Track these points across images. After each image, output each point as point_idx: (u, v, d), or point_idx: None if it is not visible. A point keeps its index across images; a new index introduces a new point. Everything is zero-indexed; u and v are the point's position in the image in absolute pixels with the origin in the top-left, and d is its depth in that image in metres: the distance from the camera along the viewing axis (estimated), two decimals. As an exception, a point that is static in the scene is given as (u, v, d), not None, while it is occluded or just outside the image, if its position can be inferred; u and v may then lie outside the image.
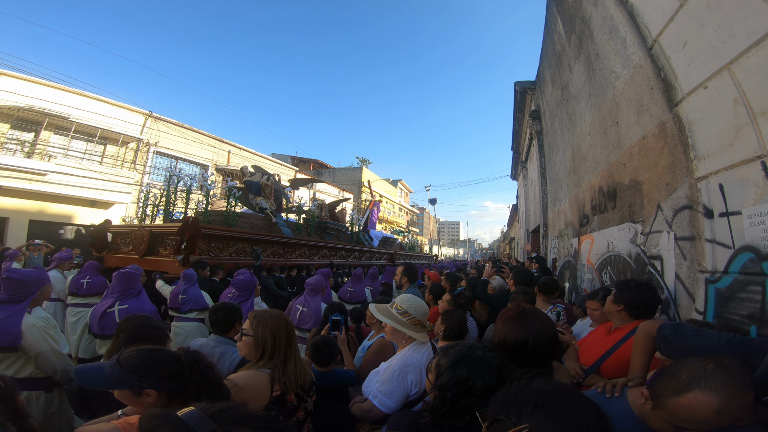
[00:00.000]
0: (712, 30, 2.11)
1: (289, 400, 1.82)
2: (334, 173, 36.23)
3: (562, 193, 7.36)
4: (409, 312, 2.24)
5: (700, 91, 2.27)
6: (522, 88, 11.05)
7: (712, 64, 2.11)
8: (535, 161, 10.88)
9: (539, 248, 10.46)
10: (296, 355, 1.93)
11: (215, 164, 19.36)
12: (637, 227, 3.44)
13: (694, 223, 2.42)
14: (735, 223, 1.97)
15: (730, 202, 2.02)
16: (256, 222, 8.18)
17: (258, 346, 1.87)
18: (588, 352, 2.46)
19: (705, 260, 2.28)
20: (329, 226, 10.90)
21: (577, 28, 5.16)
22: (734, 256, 1.98)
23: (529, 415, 0.92)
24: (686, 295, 2.52)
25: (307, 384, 1.95)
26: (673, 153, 2.68)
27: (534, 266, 7.75)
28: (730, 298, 2.02)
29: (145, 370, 1.37)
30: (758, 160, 1.78)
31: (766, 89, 1.73)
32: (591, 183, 5.03)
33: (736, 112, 1.93)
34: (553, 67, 7.27)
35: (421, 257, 19.92)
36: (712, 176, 2.18)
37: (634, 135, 3.46)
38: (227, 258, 6.66)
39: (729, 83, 1.98)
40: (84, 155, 14.16)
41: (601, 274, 4.53)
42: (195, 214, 6.82)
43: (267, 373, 1.80)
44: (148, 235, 6.34)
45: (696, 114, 2.35)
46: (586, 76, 4.92)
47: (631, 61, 3.37)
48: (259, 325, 1.90)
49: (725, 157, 2.04)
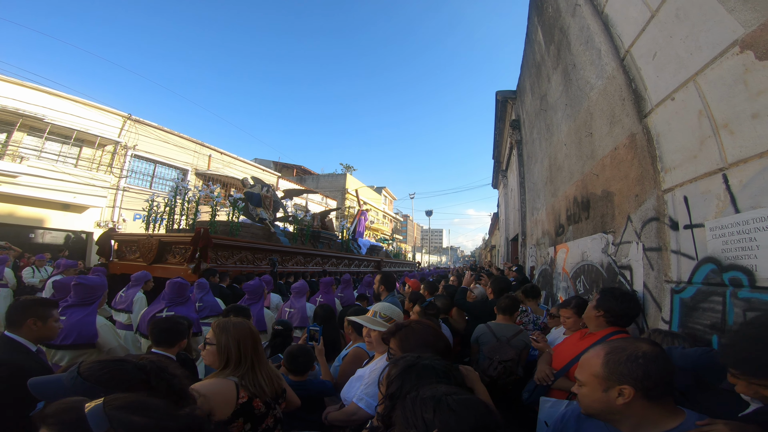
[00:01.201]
0: (680, 41, 2.12)
1: (256, 406, 1.78)
2: (318, 179, 36.00)
3: (540, 203, 7.42)
4: (393, 318, 2.42)
5: (668, 103, 2.28)
6: (503, 98, 11.17)
7: (680, 75, 2.12)
8: (515, 170, 10.98)
9: (518, 256, 10.54)
10: (263, 362, 1.92)
11: (195, 168, 19.02)
12: (609, 237, 3.46)
13: (660, 234, 2.42)
14: (698, 235, 1.97)
15: (694, 215, 2.02)
16: (257, 231, 8.63)
17: (222, 355, 1.83)
18: (560, 356, 2.54)
19: (671, 271, 2.28)
20: (322, 235, 11.46)
21: (555, 38, 5.22)
22: (697, 267, 1.99)
23: (433, 419, 1.01)
24: (654, 305, 2.53)
25: (278, 391, 1.92)
26: (642, 165, 2.69)
27: (513, 274, 7.83)
28: (693, 308, 2.03)
29: (111, 381, 1.30)
30: (720, 173, 1.79)
31: (728, 101, 1.73)
32: (566, 193, 5.07)
33: (701, 124, 1.93)
34: (533, 76, 7.35)
35: (405, 264, 20.55)
36: (678, 188, 2.18)
37: (606, 146, 3.49)
38: (232, 266, 7.07)
39: (695, 95, 1.98)
40: (58, 157, 13.65)
41: (576, 282, 4.55)
42: (204, 225, 7.20)
43: (234, 381, 1.77)
44: (157, 243, 6.66)
45: (663, 126, 2.36)
46: (564, 86, 4.97)
47: (605, 72, 3.40)
48: (222, 333, 1.86)
49: (690, 169, 2.05)
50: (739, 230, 1.65)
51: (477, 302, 4.38)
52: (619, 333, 2.29)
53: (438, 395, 1.07)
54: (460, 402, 1.05)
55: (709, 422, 1.15)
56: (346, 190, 34.10)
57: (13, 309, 2.34)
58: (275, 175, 24.93)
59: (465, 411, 1.03)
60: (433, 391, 1.10)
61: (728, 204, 1.72)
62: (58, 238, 14.22)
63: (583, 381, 1.30)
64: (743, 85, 1.64)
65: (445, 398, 1.06)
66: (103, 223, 15.07)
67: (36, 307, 2.35)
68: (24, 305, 2.35)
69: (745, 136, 1.63)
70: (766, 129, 1.52)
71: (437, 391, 1.10)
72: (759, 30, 1.56)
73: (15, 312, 2.32)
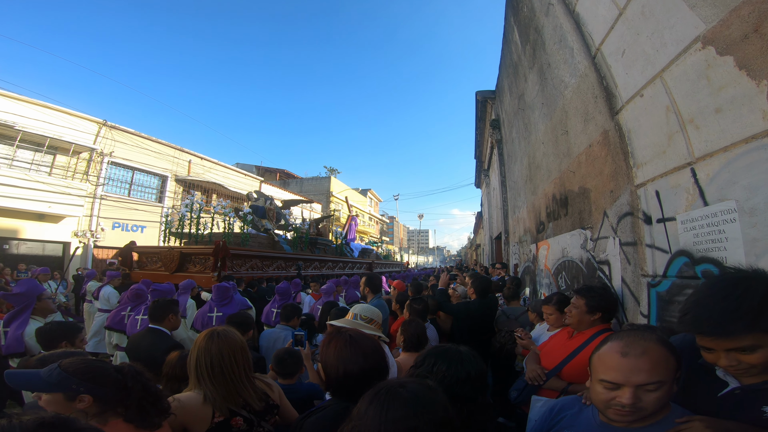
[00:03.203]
0: (646, 38, 2.15)
1: (235, 425, 1.72)
2: (302, 183, 35.78)
3: (521, 201, 7.49)
4: (374, 319, 2.49)
5: (637, 100, 2.32)
6: (483, 98, 11.25)
7: (647, 72, 2.16)
8: (496, 170, 11.07)
9: (502, 255, 10.62)
10: (247, 377, 1.82)
11: (175, 174, 18.72)
12: (587, 233, 3.50)
13: (635, 229, 2.45)
14: (671, 229, 2.00)
15: (666, 209, 2.05)
16: (262, 241, 9.62)
17: (189, 369, 1.78)
18: (550, 355, 2.53)
19: (646, 265, 2.31)
20: (318, 241, 12.56)
21: (531, 37, 5.27)
22: (671, 261, 2.01)
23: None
24: (632, 299, 2.56)
25: (259, 406, 1.83)
26: (616, 161, 2.73)
27: (498, 272, 7.90)
28: (669, 301, 2.05)
29: (86, 374, 1.38)
30: (688, 167, 1.81)
31: (693, 97, 1.76)
32: (545, 191, 5.12)
33: (668, 119, 1.96)
34: (510, 76, 7.42)
35: (394, 265, 21.49)
36: (650, 183, 2.22)
37: (581, 143, 3.53)
38: (245, 272, 7.87)
39: (662, 91, 2.01)
40: (31, 166, 13.23)
41: (557, 278, 4.59)
42: (221, 238, 8.09)
43: (201, 395, 1.71)
44: (179, 254, 7.53)
45: (634, 122, 2.39)
46: (540, 85, 5.02)
47: (578, 70, 3.44)
48: (194, 346, 1.80)
49: (659, 164, 2.08)
50: (708, 222, 1.67)
51: (460, 305, 4.36)
52: (607, 331, 2.33)
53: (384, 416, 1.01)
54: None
55: (687, 419, 1.15)
56: (330, 193, 33.95)
57: (157, 307, 3.24)
58: (258, 180, 24.68)
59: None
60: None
61: (697, 197, 1.75)
62: (34, 248, 13.78)
63: (664, 380, 1.16)
64: (706, 81, 1.67)
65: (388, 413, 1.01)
66: (81, 232, 14.69)
67: (174, 305, 3.35)
68: (166, 303, 3.29)
69: (710, 130, 1.65)
70: (729, 123, 1.55)
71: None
72: (719, 26, 1.59)
73: (158, 310, 3.21)
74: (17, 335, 3.18)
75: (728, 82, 1.56)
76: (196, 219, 8.65)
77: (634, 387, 1.14)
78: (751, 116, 1.45)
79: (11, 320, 3.31)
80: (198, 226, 8.77)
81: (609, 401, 1.19)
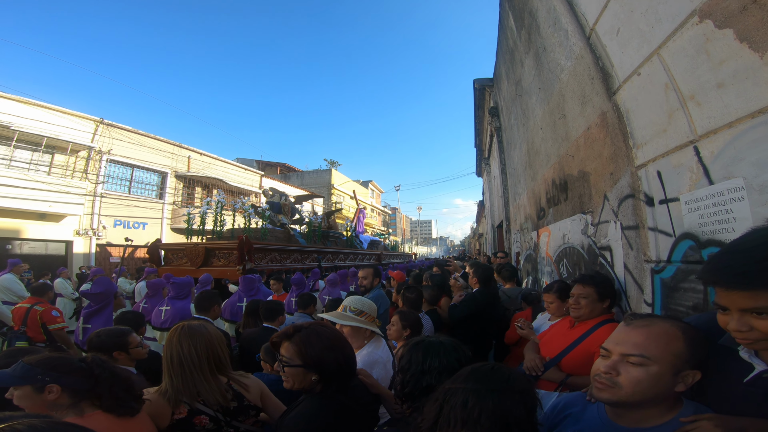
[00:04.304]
0: (640, 15, 2.07)
1: (198, 423, 1.66)
2: (303, 176, 35.69)
3: (521, 188, 7.42)
4: (365, 311, 2.39)
5: (635, 78, 2.23)
6: (481, 86, 11.13)
7: (643, 50, 2.07)
8: (496, 157, 10.98)
9: (504, 243, 10.57)
10: (198, 371, 1.72)
11: (175, 171, 18.69)
12: (587, 218, 3.43)
13: (637, 211, 2.38)
14: (674, 210, 1.93)
15: (669, 189, 1.97)
16: (279, 235, 10.08)
17: (166, 362, 1.75)
18: (549, 345, 2.46)
19: (649, 249, 2.24)
20: (330, 234, 13.10)
21: (526, 22, 5.17)
22: (675, 245, 1.93)
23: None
24: (635, 286, 2.48)
25: (227, 404, 1.76)
26: (615, 142, 2.66)
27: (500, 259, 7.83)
28: (674, 288, 1.96)
29: (50, 365, 1.41)
30: (691, 145, 1.74)
31: (692, 72, 1.68)
32: (545, 176, 5.05)
33: (668, 97, 1.88)
34: (507, 63, 7.31)
35: (402, 256, 21.85)
36: (651, 163, 2.14)
37: (579, 126, 3.45)
38: (265, 265, 8.26)
39: (659, 69, 1.93)
40: (29, 165, 13.25)
41: (559, 266, 4.53)
42: (243, 233, 8.44)
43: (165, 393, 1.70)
44: (204, 250, 7.93)
45: (632, 102, 2.32)
46: (536, 70, 4.93)
47: (573, 53, 3.35)
48: (178, 339, 1.76)
49: (660, 143, 2.00)
50: (714, 202, 1.60)
51: (468, 301, 3.95)
52: (611, 321, 2.27)
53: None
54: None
55: (695, 418, 1.04)
56: (332, 186, 33.87)
57: (203, 298, 3.66)
58: (258, 174, 24.62)
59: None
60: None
61: (701, 176, 1.68)
62: (36, 248, 13.86)
63: (653, 358, 1.06)
64: (705, 55, 1.59)
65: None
66: (83, 231, 14.72)
67: (217, 297, 3.80)
68: (211, 295, 3.74)
69: (712, 106, 1.58)
70: (732, 98, 1.48)
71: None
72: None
73: (204, 301, 3.64)
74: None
75: (729, 55, 1.48)
76: (220, 216, 9.15)
77: (619, 356, 1.09)
78: (756, 90, 1.37)
79: (91, 317, 3.60)
80: (221, 224, 9.27)
81: (596, 371, 1.13)
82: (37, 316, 4.24)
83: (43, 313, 4.28)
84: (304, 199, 15.02)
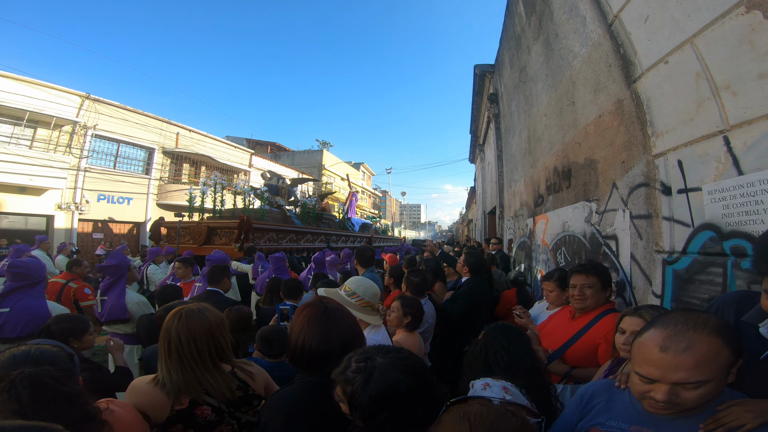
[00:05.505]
0: (675, 3, 2.03)
1: (200, 414, 1.56)
2: (293, 156, 35.18)
3: (518, 174, 7.42)
4: (357, 293, 2.16)
5: (661, 66, 2.22)
6: (481, 72, 11.02)
7: (675, 38, 2.05)
8: (492, 144, 10.95)
9: (495, 230, 10.63)
10: (198, 363, 1.60)
11: (162, 147, 18.25)
12: (592, 206, 3.44)
13: (650, 200, 2.39)
14: (694, 200, 1.93)
15: (690, 179, 1.98)
16: (276, 216, 10.37)
17: (162, 347, 1.61)
18: (551, 337, 2.41)
19: (662, 240, 2.25)
20: (324, 216, 13.55)
21: (537, 8, 5.09)
22: (693, 235, 1.94)
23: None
24: (642, 277, 2.49)
25: (232, 395, 1.65)
26: (630, 130, 2.65)
27: (492, 247, 7.81)
28: (689, 280, 1.97)
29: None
30: (720, 135, 1.74)
31: (730, 62, 1.68)
32: (546, 163, 5.05)
33: (698, 86, 1.87)
34: (512, 49, 7.23)
35: (392, 240, 22.08)
36: (671, 152, 2.14)
37: (590, 114, 3.44)
38: (264, 244, 8.41)
39: (692, 57, 1.92)
40: (10, 139, 12.77)
41: (556, 254, 4.56)
42: (243, 213, 8.70)
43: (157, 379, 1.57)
44: (206, 228, 8.21)
45: (655, 90, 2.30)
46: (545, 56, 4.88)
47: (590, 39, 3.31)
48: (171, 323, 1.63)
49: (685, 132, 2.00)
50: (742, 193, 1.60)
51: (464, 292, 3.85)
52: (612, 311, 2.23)
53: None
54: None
55: (727, 405, 1.05)
56: (323, 167, 33.54)
57: (215, 272, 3.79)
58: (248, 152, 24.22)
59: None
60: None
61: (730, 166, 1.68)
62: (16, 222, 13.42)
63: (709, 378, 1.02)
64: (749, 46, 1.58)
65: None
66: (65, 205, 14.34)
67: (227, 270, 3.98)
68: (221, 269, 3.86)
69: (750, 96, 1.57)
70: (774, 89, 1.47)
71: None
72: (767, -13, 1.48)
73: (216, 273, 3.77)
74: (121, 303, 3.50)
75: (776, 46, 1.47)
76: (221, 196, 9.43)
77: (671, 384, 1.03)
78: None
79: (108, 289, 3.61)
80: (221, 203, 9.58)
81: (644, 393, 1.09)
82: (71, 292, 4.33)
83: (76, 290, 4.37)
84: (301, 182, 15.28)
